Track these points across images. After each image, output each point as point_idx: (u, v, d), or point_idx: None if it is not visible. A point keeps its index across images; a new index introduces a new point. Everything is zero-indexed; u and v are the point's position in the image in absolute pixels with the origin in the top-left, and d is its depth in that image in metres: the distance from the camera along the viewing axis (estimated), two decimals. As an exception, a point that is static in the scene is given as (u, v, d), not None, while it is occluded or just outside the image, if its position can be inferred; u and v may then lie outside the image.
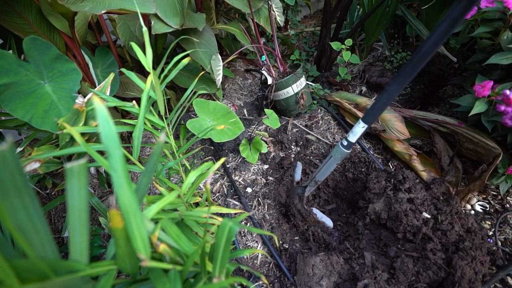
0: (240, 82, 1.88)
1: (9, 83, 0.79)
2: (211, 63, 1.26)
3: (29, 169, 0.69)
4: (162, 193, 0.59)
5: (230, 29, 1.52)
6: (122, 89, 1.32)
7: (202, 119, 1.15)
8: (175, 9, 1.12)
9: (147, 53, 0.61)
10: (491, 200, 1.14)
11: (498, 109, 0.95)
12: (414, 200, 1.05)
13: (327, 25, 1.66)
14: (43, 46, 0.86)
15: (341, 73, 1.60)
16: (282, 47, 2.39)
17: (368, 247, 1.01)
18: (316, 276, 0.90)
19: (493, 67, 1.10)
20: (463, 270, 0.83)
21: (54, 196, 1.31)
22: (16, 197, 0.24)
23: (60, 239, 1.17)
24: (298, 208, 0.99)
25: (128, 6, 0.88)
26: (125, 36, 1.33)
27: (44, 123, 0.82)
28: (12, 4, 0.90)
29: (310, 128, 1.55)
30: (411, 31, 1.71)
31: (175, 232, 0.44)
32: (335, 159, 0.87)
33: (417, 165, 1.23)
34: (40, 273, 0.27)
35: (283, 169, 1.34)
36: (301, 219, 0.98)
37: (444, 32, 0.54)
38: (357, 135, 0.79)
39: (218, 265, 0.41)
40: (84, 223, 0.28)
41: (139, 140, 0.60)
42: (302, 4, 2.50)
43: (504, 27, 1.01)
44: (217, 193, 1.29)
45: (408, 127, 1.33)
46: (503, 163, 1.04)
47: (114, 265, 0.34)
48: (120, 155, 0.29)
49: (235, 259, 1.04)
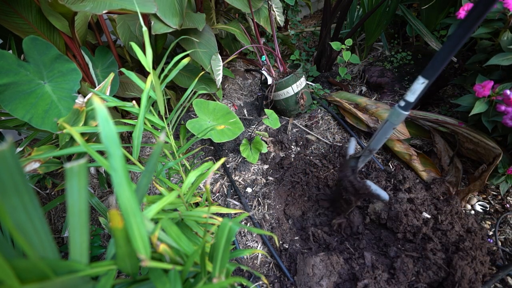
0: (240, 82, 1.88)
1: (9, 83, 0.79)
2: (211, 63, 1.26)
3: (29, 169, 0.69)
4: (162, 193, 0.59)
5: (230, 29, 1.52)
6: (122, 89, 1.32)
7: (202, 119, 1.15)
8: (174, 9, 1.12)
9: (147, 53, 0.61)
10: (491, 200, 1.14)
11: (498, 109, 0.95)
12: (414, 200, 1.05)
13: (327, 25, 1.66)
14: (43, 46, 0.86)
15: (341, 73, 1.60)
16: (282, 47, 2.39)
17: (368, 247, 1.01)
18: (316, 276, 0.90)
19: (493, 67, 1.10)
20: (463, 270, 0.83)
21: (54, 196, 1.31)
22: (16, 197, 0.24)
23: (60, 239, 1.17)
24: (351, 180, 0.92)
25: (129, 6, 0.88)
26: (125, 36, 1.33)
27: (44, 123, 0.82)
28: (12, 4, 0.90)
29: (310, 128, 1.55)
30: (411, 31, 1.71)
31: (175, 232, 0.44)
32: (391, 123, 0.77)
33: (417, 165, 1.23)
34: (40, 273, 0.27)
35: (283, 169, 1.34)
36: (354, 192, 0.93)
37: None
38: (416, 93, 0.69)
39: (218, 265, 0.41)
40: (84, 223, 0.28)
41: (139, 140, 0.60)
42: (302, 4, 2.50)
43: (504, 28, 1.01)
44: (217, 193, 1.29)
45: (408, 127, 1.33)
46: (503, 163, 1.04)
47: (114, 265, 0.34)
48: (120, 155, 0.29)
49: (235, 259, 1.04)
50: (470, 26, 0.56)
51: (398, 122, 0.77)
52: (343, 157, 1.11)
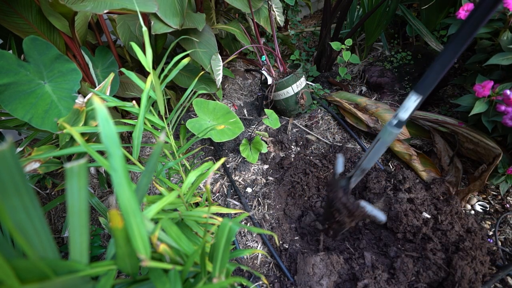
0: (240, 82, 1.88)
1: (9, 83, 0.79)
2: (211, 63, 1.26)
3: (29, 169, 0.69)
4: (162, 193, 0.59)
5: (230, 29, 1.52)
6: (122, 89, 1.32)
7: (202, 119, 1.15)
8: (175, 9, 1.12)
9: (147, 53, 0.61)
10: (491, 200, 1.14)
11: (498, 109, 0.95)
12: (414, 200, 1.05)
13: (327, 25, 1.66)
14: (43, 46, 0.86)
15: (341, 73, 1.60)
16: (282, 47, 2.39)
17: (368, 247, 1.01)
18: (317, 276, 0.90)
19: (493, 67, 1.10)
20: (463, 270, 0.83)
21: (54, 196, 1.31)
22: (16, 197, 0.24)
23: (60, 239, 1.17)
24: (343, 202, 0.88)
25: (130, 6, 0.88)
26: (125, 36, 1.33)
27: (44, 123, 0.82)
28: (12, 4, 0.90)
29: (310, 128, 1.55)
30: (411, 31, 1.71)
31: (175, 232, 0.44)
32: (383, 141, 0.74)
33: (417, 165, 1.23)
34: (40, 273, 0.27)
35: (283, 169, 1.34)
36: (348, 214, 0.90)
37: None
38: (409, 111, 0.66)
39: (218, 265, 0.41)
40: (84, 223, 0.28)
41: (139, 140, 0.60)
42: (302, 4, 2.50)
43: (504, 28, 1.01)
44: (217, 193, 1.29)
45: (408, 127, 1.33)
46: (503, 163, 1.04)
47: (114, 265, 0.34)
48: (120, 155, 0.29)
49: (235, 259, 1.04)
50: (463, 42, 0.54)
51: (390, 141, 0.73)
52: (332, 176, 1.06)
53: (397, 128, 0.70)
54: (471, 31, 0.53)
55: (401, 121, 0.69)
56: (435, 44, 1.42)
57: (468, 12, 1.01)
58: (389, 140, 0.73)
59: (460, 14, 1.03)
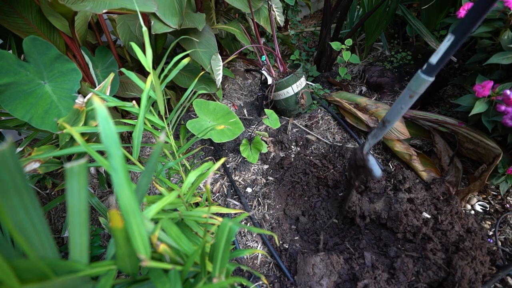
0: (240, 82, 1.88)
1: (9, 83, 0.79)
2: (211, 63, 1.26)
3: (29, 169, 0.69)
4: (162, 193, 0.59)
5: (230, 29, 1.52)
6: (122, 89, 1.32)
7: (202, 119, 1.15)
8: (174, 9, 1.12)
9: (147, 53, 0.61)
10: (491, 200, 1.14)
11: (498, 109, 0.95)
12: (414, 200, 1.05)
13: (327, 25, 1.66)
14: (43, 46, 0.86)
15: (341, 73, 1.60)
16: (282, 47, 2.39)
17: (368, 247, 1.01)
18: (317, 276, 0.90)
19: (493, 67, 1.10)
20: (463, 270, 0.83)
21: (54, 196, 1.31)
22: (16, 197, 0.24)
23: (60, 239, 1.17)
24: (355, 151, 0.89)
25: (129, 5, 0.88)
26: (125, 36, 1.33)
27: (44, 123, 0.82)
28: (12, 4, 0.90)
29: (310, 128, 1.55)
30: (411, 31, 1.71)
31: (175, 232, 0.44)
32: (410, 90, 0.67)
33: (417, 165, 1.23)
34: (40, 273, 0.27)
35: (283, 169, 1.34)
36: (354, 165, 0.92)
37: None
38: (440, 53, 0.61)
39: (218, 265, 0.41)
40: (84, 223, 0.28)
41: (139, 140, 0.60)
42: (302, 4, 2.50)
43: (505, 27, 1.01)
44: (217, 193, 1.29)
45: (408, 127, 1.33)
46: (503, 163, 1.04)
47: (114, 265, 0.34)
48: (120, 155, 0.29)
49: (235, 259, 1.04)
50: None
51: (417, 89, 0.66)
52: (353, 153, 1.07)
53: (427, 75, 0.65)
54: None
55: (431, 66, 0.63)
56: (435, 44, 1.42)
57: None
58: (416, 88, 0.66)
59: (461, 14, 1.03)
